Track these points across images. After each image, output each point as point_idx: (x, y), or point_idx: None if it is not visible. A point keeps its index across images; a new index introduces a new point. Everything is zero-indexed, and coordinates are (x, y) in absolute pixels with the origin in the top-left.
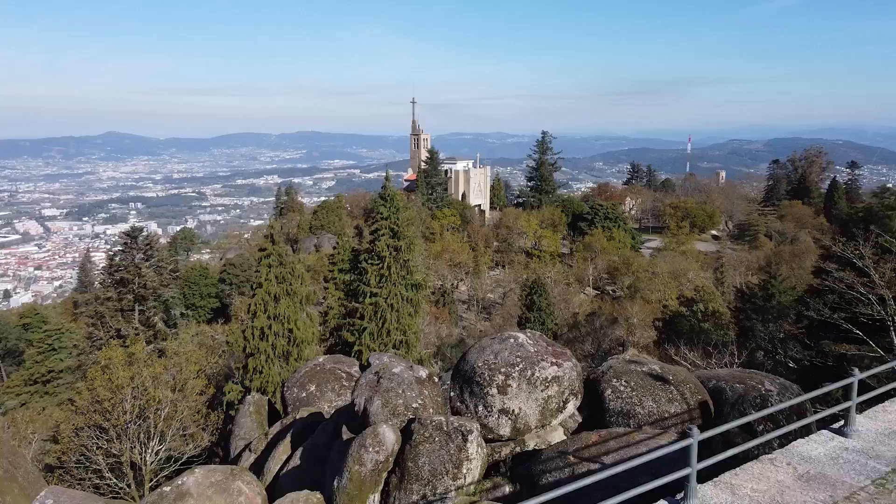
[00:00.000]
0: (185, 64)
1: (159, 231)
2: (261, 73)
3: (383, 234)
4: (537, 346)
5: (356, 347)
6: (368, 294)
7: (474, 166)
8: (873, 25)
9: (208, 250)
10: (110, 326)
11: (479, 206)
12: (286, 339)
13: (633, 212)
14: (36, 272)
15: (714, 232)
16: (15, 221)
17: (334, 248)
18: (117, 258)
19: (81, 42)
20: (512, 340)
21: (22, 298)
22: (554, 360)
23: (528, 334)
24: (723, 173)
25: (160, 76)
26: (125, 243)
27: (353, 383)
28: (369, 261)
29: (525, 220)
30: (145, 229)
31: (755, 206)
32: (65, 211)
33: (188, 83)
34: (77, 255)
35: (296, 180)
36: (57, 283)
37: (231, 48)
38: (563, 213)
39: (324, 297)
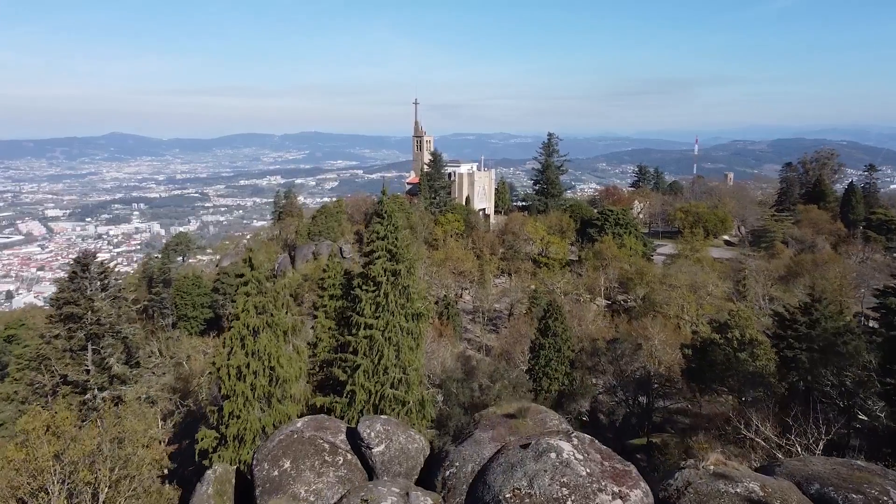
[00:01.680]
0: (187, 64)
1: (162, 231)
2: (264, 74)
3: (380, 257)
4: (590, 463)
5: (349, 387)
6: (362, 325)
7: (479, 169)
8: (877, 26)
9: (210, 251)
10: (56, 371)
11: (484, 209)
12: (267, 379)
13: (641, 216)
14: (38, 273)
15: (726, 237)
16: (18, 222)
17: (324, 270)
18: (66, 289)
19: (85, 43)
20: (553, 456)
21: (24, 299)
22: (616, 490)
23: (575, 442)
24: (731, 175)
25: (163, 77)
26: (74, 272)
27: (338, 458)
28: (363, 287)
29: (532, 226)
30: (148, 229)
31: (767, 210)
32: (68, 211)
33: (191, 84)
34: (80, 255)
35: (299, 181)
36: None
37: (234, 49)
38: (572, 219)
39: (313, 326)
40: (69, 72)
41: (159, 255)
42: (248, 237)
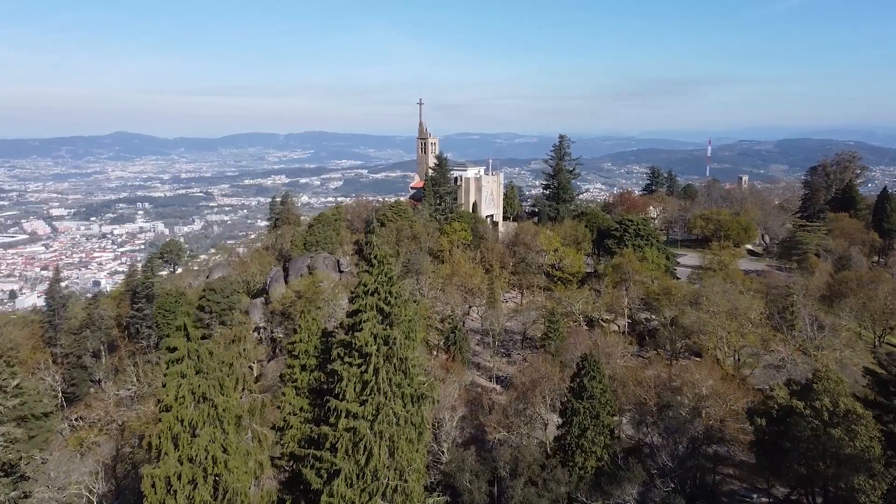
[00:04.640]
0: (193, 64)
1: (166, 231)
2: (268, 74)
3: (368, 319)
4: None
5: (325, 498)
6: (344, 413)
7: (486, 172)
8: (884, 26)
9: (213, 249)
10: None
11: (492, 216)
12: (210, 490)
13: (657, 222)
14: (42, 272)
15: (749, 246)
16: (23, 221)
17: (295, 331)
18: None
19: (90, 42)
20: None
21: (28, 299)
22: None
23: None
24: (745, 178)
25: (169, 76)
26: None
27: None
28: (346, 359)
29: (545, 237)
30: (153, 229)
31: (790, 217)
32: (72, 210)
33: (196, 83)
34: (84, 255)
35: (303, 180)
36: (62, 285)
37: (239, 48)
38: (587, 228)
39: (280, 405)
40: (75, 71)
41: (145, 269)
42: (242, 245)
